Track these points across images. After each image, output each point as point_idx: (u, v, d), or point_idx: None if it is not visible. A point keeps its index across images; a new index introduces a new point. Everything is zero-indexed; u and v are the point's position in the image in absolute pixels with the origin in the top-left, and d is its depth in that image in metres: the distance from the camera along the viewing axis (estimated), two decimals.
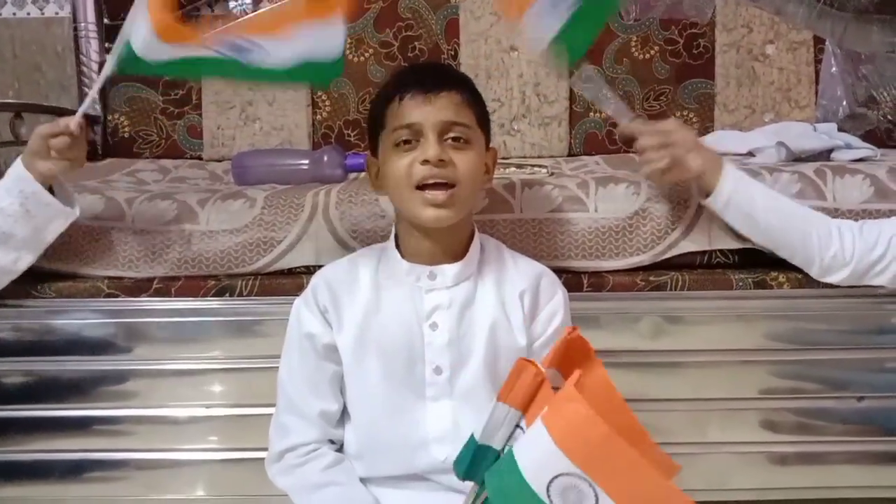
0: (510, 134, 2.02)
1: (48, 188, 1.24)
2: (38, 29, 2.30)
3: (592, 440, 0.80)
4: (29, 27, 2.30)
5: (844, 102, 1.97)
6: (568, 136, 2.02)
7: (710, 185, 1.24)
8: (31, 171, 1.22)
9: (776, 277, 1.31)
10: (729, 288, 1.32)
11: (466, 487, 0.96)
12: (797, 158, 1.54)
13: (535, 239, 1.33)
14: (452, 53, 2.05)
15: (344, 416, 1.12)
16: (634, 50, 2.02)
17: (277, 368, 1.13)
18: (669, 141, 1.22)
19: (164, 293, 1.35)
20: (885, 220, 1.28)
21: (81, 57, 2.14)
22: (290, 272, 1.35)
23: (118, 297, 1.35)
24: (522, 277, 1.11)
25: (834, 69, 1.99)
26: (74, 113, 1.23)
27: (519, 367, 0.91)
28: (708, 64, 2.01)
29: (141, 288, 1.35)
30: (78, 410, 1.38)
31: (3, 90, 2.29)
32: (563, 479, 0.81)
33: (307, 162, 1.61)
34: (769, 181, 1.34)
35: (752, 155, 1.67)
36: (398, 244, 1.11)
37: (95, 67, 2.12)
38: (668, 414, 1.35)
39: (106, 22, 2.16)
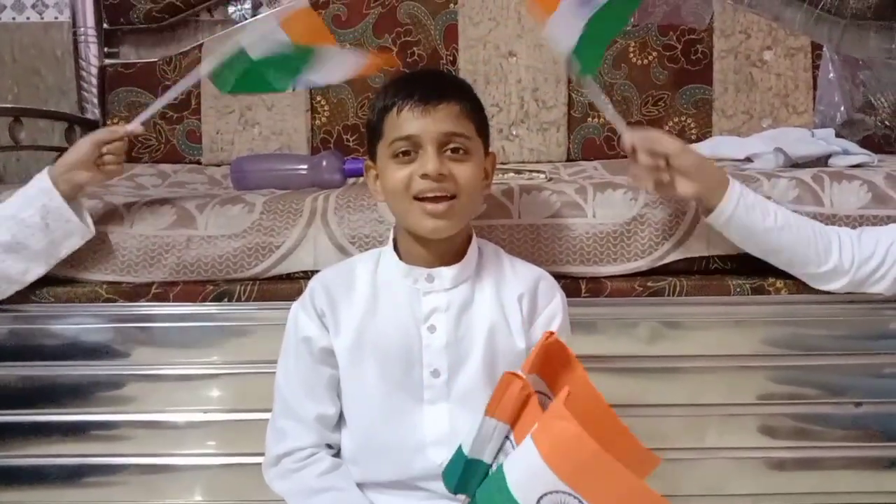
0: (509, 139, 2.02)
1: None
2: (37, 33, 2.30)
3: (582, 458, 0.80)
4: (28, 31, 2.30)
5: (842, 108, 1.98)
6: (566, 141, 2.03)
7: (710, 203, 1.21)
8: (58, 184, 1.22)
9: (774, 283, 1.32)
10: (727, 294, 1.33)
11: (461, 496, 0.96)
12: (795, 164, 1.55)
13: (533, 244, 1.33)
14: (451, 59, 2.05)
15: (341, 420, 1.12)
16: (633, 55, 2.02)
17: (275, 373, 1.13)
18: (668, 164, 1.19)
19: (162, 298, 1.35)
20: (883, 227, 1.28)
21: (80, 61, 2.14)
22: (288, 277, 1.35)
23: (116, 301, 1.35)
24: (520, 281, 1.11)
25: (832, 75, 1.99)
26: (74, 117, 1.23)
27: (505, 381, 0.92)
28: (706, 70, 2.01)
29: (139, 293, 1.35)
30: (76, 415, 1.38)
31: (2, 94, 2.29)
32: (552, 496, 0.81)
33: (306, 167, 1.61)
34: (767, 187, 1.34)
35: (749, 160, 1.67)
36: (396, 247, 1.11)
37: (94, 72, 2.12)
38: (666, 419, 1.35)
39: (105, 26, 2.17)
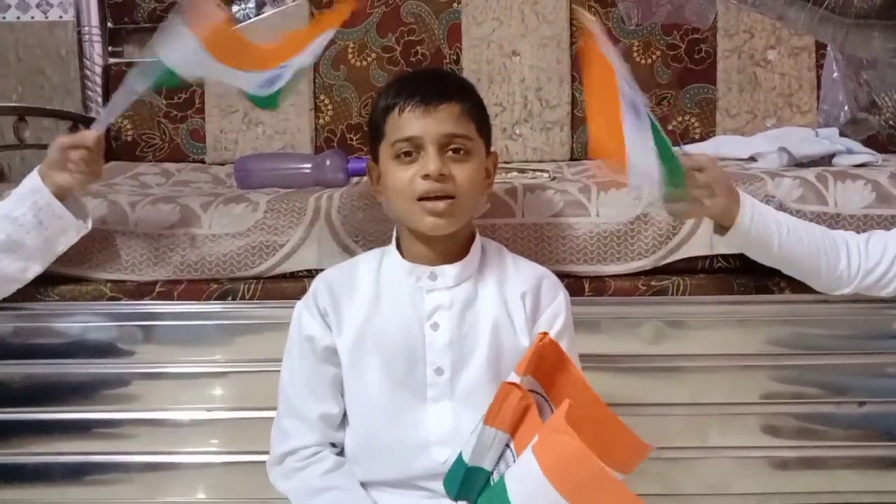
0: (512, 139, 2.02)
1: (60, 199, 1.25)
2: (41, 32, 2.30)
3: (582, 473, 0.80)
4: (33, 31, 2.30)
5: (846, 108, 1.97)
6: (570, 140, 2.02)
7: (726, 221, 1.17)
8: (46, 181, 1.23)
9: (777, 282, 1.31)
10: (730, 293, 1.33)
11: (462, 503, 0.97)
12: (799, 163, 1.55)
13: (536, 243, 1.33)
14: (454, 58, 2.05)
15: (345, 419, 1.12)
16: (636, 55, 2.02)
17: (279, 372, 1.13)
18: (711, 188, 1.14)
19: (166, 296, 1.35)
20: (891, 232, 1.26)
21: (85, 60, 2.15)
22: (292, 276, 1.35)
23: (121, 300, 1.35)
24: (524, 279, 1.11)
25: (835, 74, 1.99)
26: (78, 116, 1.24)
27: (504, 390, 0.92)
28: (710, 69, 2.01)
29: (144, 291, 1.35)
30: (80, 413, 1.38)
31: (6, 94, 2.29)
32: None
33: (310, 166, 1.62)
34: (771, 186, 1.34)
35: (753, 160, 1.67)
36: (399, 247, 1.11)
37: (99, 71, 2.13)
38: (669, 418, 1.35)
39: (109, 26, 2.17)
